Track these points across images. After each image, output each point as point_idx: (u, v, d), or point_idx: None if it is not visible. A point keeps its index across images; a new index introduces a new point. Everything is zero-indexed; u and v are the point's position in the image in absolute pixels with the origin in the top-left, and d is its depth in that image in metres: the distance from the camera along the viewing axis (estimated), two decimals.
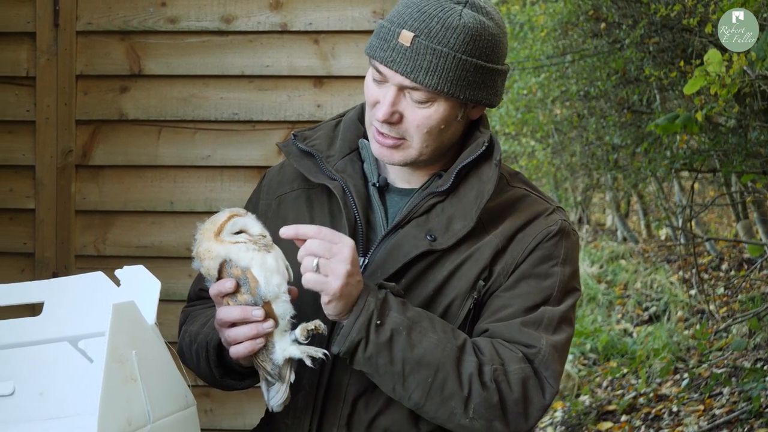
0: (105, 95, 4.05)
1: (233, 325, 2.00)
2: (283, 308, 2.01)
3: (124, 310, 1.89)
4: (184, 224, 4.03)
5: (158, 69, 4.04)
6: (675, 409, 6.85)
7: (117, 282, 2.11)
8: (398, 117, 2.08)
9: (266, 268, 1.99)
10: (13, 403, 1.93)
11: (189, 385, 2.08)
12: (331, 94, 4.00)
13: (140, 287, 2.08)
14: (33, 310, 2.18)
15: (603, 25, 8.95)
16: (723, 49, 4.58)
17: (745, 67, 4.63)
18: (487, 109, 2.20)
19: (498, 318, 2.09)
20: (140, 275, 2.10)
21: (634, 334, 9.07)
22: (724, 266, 9.99)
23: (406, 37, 2.03)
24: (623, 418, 7.11)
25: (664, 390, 7.36)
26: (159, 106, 4.04)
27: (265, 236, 2.02)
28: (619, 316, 9.84)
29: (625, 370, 8.11)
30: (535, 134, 12.24)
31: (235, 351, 2.01)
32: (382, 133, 2.10)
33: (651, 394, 7.31)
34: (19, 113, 4.05)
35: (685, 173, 10.61)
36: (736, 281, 8.97)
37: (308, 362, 2.01)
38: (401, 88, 2.06)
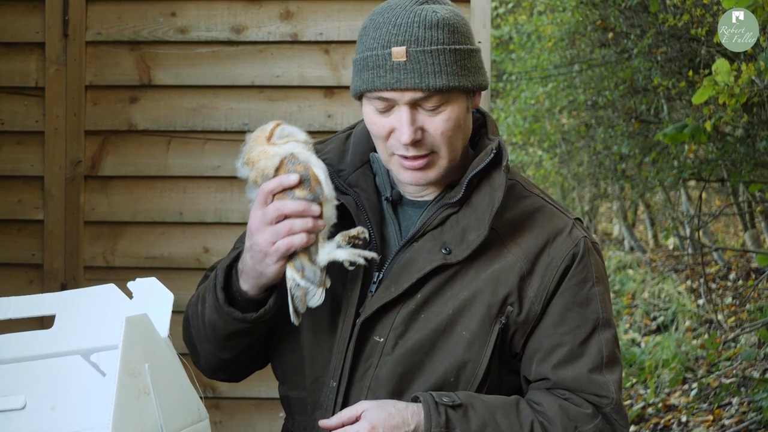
0: (114, 106, 4.04)
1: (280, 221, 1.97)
2: (331, 212, 2.02)
3: (137, 322, 1.88)
4: (194, 235, 4.02)
5: (168, 79, 4.04)
6: (684, 419, 6.82)
7: (129, 294, 2.09)
8: (421, 133, 2.05)
9: (322, 168, 2.00)
10: (24, 417, 1.91)
11: (201, 398, 2.06)
12: (342, 105, 3.98)
13: (153, 300, 2.07)
14: (42, 322, 2.17)
15: (611, 34, 8.96)
16: (731, 59, 4.56)
17: (753, 77, 4.62)
18: (496, 117, 2.18)
19: (557, 362, 2.08)
20: (153, 287, 2.09)
21: (642, 344, 9.04)
22: (732, 276, 9.96)
23: (399, 53, 2.01)
24: (632, 428, 7.07)
25: (673, 400, 7.33)
26: (169, 116, 4.04)
27: (309, 143, 2.04)
28: (627, 326, 9.80)
29: (634, 380, 8.08)
30: (542, 144, 12.22)
31: (288, 242, 1.96)
32: (409, 157, 2.07)
33: (660, 405, 7.28)
34: (27, 124, 4.05)
35: (692, 183, 10.60)
36: (744, 291, 8.94)
37: (360, 261, 2.02)
38: (413, 104, 2.04)
